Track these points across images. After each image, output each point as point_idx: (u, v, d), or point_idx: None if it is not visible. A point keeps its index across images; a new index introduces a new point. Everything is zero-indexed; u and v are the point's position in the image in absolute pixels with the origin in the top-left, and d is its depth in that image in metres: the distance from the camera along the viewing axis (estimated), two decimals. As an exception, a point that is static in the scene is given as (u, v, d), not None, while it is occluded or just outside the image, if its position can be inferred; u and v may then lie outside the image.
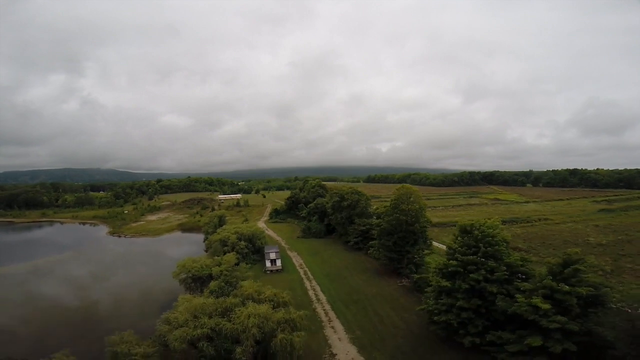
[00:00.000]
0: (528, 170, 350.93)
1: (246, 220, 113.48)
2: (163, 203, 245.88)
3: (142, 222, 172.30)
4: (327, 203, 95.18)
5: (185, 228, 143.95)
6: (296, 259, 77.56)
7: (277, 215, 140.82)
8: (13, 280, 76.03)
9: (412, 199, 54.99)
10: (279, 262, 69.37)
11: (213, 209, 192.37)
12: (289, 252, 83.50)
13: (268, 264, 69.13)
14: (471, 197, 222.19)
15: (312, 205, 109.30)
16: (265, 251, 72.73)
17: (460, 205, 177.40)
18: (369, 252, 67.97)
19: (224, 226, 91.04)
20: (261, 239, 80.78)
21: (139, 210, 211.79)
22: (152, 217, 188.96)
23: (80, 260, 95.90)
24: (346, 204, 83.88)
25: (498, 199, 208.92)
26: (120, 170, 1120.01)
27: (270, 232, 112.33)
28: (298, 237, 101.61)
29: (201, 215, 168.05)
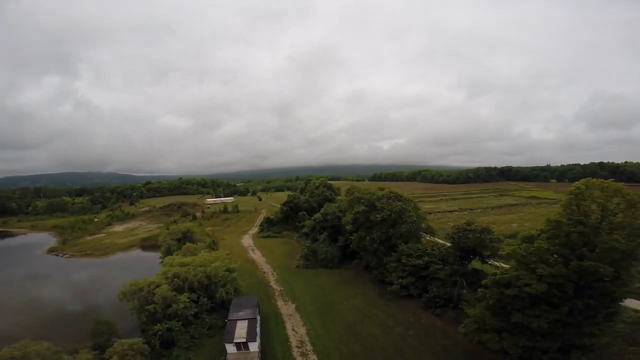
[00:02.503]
0: (546, 165, 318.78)
1: (213, 244, 73.51)
2: (142, 209, 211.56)
3: (101, 235, 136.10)
4: (347, 215, 56.20)
5: (148, 245, 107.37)
6: (293, 323, 40.51)
7: (270, 226, 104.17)
8: None
9: (617, 212, 18.55)
10: (253, 346, 32.86)
11: (194, 217, 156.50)
12: (280, 305, 46.11)
13: (231, 348, 32.76)
14: (502, 195, 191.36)
15: (318, 215, 71.88)
16: (230, 317, 35.92)
17: (500, 207, 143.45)
18: (463, 330, 28.42)
19: (168, 256, 53.79)
20: (227, 283, 43.23)
21: (109, 218, 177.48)
22: (119, 228, 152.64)
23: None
24: (380, 217, 46.71)
25: (536, 197, 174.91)
26: (121, 173, 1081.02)
27: (256, 255, 75.52)
28: (297, 265, 64.57)
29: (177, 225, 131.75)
